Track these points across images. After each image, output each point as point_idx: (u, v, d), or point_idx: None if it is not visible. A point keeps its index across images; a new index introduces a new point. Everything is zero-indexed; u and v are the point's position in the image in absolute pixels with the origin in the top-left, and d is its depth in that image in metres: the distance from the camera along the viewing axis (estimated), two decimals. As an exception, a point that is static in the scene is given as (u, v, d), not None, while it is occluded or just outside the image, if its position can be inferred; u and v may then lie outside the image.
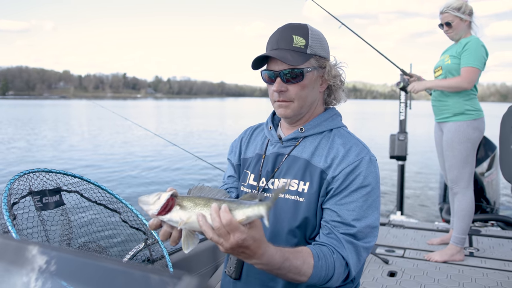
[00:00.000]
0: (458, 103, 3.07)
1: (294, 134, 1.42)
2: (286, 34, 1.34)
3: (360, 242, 1.26)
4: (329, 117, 1.43)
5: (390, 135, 4.60)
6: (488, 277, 2.77)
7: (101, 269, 0.54)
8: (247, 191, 1.47)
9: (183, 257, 2.40)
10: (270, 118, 1.54)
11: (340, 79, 1.42)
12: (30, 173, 1.71)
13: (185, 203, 1.05)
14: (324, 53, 1.39)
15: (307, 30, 1.35)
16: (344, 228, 1.26)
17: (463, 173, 3.08)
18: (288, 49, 1.32)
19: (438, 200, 4.87)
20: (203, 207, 1.03)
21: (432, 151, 4.51)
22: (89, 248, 1.89)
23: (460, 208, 3.13)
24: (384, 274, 2.85)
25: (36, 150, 15.19)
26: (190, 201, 1.04)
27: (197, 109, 65.88)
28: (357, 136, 1.43)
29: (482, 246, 3.39)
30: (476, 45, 3.00)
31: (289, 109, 1.36)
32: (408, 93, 3.43)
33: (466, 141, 3.04)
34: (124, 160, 12.91)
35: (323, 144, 1.39)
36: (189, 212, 1.03)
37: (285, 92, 1.34)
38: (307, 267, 1.17)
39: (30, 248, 0.61)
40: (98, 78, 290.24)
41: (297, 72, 1.31)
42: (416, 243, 3.50)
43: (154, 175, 10.66)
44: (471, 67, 2.98)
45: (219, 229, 1.00)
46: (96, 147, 16.07)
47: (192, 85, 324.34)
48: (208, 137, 21.19)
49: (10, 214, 1.51)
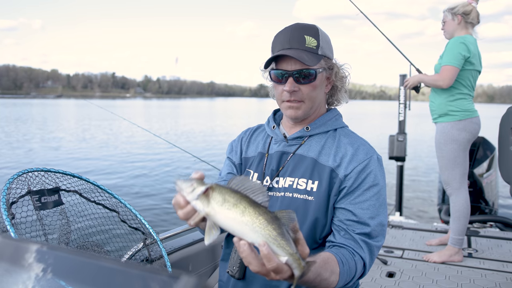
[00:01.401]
0: (442, 104, 3.11)
1: (300, 133, 1.42)
2: (298, 33, 1.33)
3: (373, 241, 1.29)
4: (333, 117, 1.45)
5: (389, 136, 4.61)
6: (487, 278, 2.77)
7: (100, 269, 0.54)
8: None
9: (181, 257, 2.41)
10: (272, 118, 1.54)
11: (345, 80, 1.44)
12: (29, 172, 1.70)
13: (215, 194, 0.95)
14: (331, 55, 1.40)
15: (318, 31, 1.35)
16: (360, 228, 1.28)
17: (453, 174, 3.09)
18: (301, 49, 1.31)
19: (437, 201, 4.88)
20: (231, 207, 0.92)
21: (431, 151, 4.51)
22: (88, 247, 1.89)
23: (454, 209, 3.14)
24: (382, 274, 2.86)
25: (35, 149, 15.17)
26: (220, 195, 0.94)
27: (186, 109, 65.76)
28: (359, 136, 1.45)
29: (481, 247, 3.40)
30: (452, 44, 3.05)
31: (300, 110, 1.36)
32: (419, 91, 3.49)
33: (451, 142, 3.06)
34: (124, 160, 12.90)
35: (329, 143, 1.39)
36: (212, 208, 0.94)
37: (296, 92, 1.33)
38: (335, 276, 1.17)
39: (29, 247, 0.61)
40: (86, 77, 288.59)
41: (311, 72, 1.32)
42: (415, 244, 3.50)
43: (154, 175, 10.65)
44: (446, 65, 3.04)
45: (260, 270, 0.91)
46: (95, 147, 16.05)
47: (182, 85, 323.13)
48: (199, 136, 21.27)
49: (8, 213, 1.51)
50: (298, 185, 1.34)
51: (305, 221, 1.32)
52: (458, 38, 3.06)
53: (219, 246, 2.67)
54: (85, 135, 20.59)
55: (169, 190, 9.04)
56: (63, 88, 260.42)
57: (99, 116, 34.16)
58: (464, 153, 3.09)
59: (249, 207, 0.91)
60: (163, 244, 2.21)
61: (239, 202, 0.91)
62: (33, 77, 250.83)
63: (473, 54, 3.05)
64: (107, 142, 17.65)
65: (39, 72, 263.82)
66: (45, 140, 18.11)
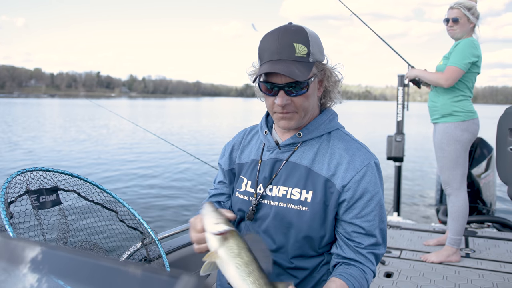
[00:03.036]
0: (446, 104, 3.08)
1: (292, 139, 1.36)
2: (286, 41, 1.22)
3: (380, 251, 1.32)
4: (326, 119, 1.38)
5: (387, 136, 4.61)
6: (484, 278, 2.78)
7: (98, 268, 0.54)
8: (243, 197, 1.42)
9: (180, 257, 2.40)
10: (264, 122, 1.47)
11: (337, 81, 1.37)
12: (27, 171, 1.70)
13: (231, 244, 1.01)
14: (322, 57, 1.33)
15: (307, 36, 1.25)
16: (368, 240, 1.29)
17: (454, 174, 3.09)
18: (291, 60, 1.22)
19: (434, 201, 4.89)
20: (241, 264, 0.98)
21: (430, 152, 4.52)
22: (86, 247, 1.88)
23: (453, 210, 3.14)
24: (380, 275, 2.86)
25: (34, 149, 15.13)
26: (237, 248, 1.00)
27: (172, 109, 65.42)
28: (355, 138, 1.40)
29: (478, 247, 3.40)
30: (464, 46, 3.00)
31: (293, 121, 1.31)
32: (420, 86, 3.47)
33: (454, 142, 3.05)
34: (123, 160, 12.88)
35: (323, 150, 1.34)
36: (224, 253, 1.01)
37: (289, 104, 1.27)
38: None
39: (27, 247, 0.61)
40: (71, 76, 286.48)
41: (302, 85, 1.25)
42: (413, 244, 3.51)
43: (155, 175, 10.64)
44: (452, 66, 2.99)
45: None
46: (94, 147, 16.02)
47: (168, 85, 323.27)
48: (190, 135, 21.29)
49: (7, 213, 1.51)
50: (292, 195, 1.31)
51: (300, 232, 1.30)
52: (470, 42, 3.01)
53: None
54: (84, 135, 20.55)
55: (169, 191, 9.03)
56: (46, 87, 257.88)
57: (96, 116, 34.06)
58: (465, 153, 3.09)
59: (256, 271, 0.98)
60: (162, 243, 2.21)
61: (250, 264, 0.98)
62: (16, 76, 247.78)
63: (480, 58, 3.04)
64: (105, 141, 17.63)
65: (22, 71, 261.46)
66: (44, 140, 18.07)
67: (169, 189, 9.11)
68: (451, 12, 3.12)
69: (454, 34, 3.14)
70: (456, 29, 3.10)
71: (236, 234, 1.01)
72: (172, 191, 8.91)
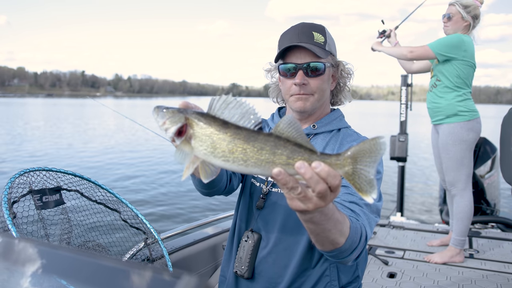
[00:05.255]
0: (451, 104, 3.06)
1: (307, 130, 1.45)
2: (306, 29, 1.37)
3: (372, 215, 1.26)
4: (337, 117, 1.50)
5: (390, 136, 4.60)
6: (488, 279, 2.77)
7: (101, 268, 0.54)
8: (258, 185, 1.47)
9: (182, 257, 2.41)
10: (277, 114, 1.58)
11: (349, 77, 1.49)
12: (31, 171, 1.71)
13: (197, 131, 0.76)
14: (335, 53, 1.46)
15: (324, 29, 1.41)
16: (362, 200, 1.25)
17: (459, 174, 3.07)
18: (310, 43, 1.35)
19: (438, 202, 4.87)
20: (225, 152, 0.75)
21: (430, 152, 4.51)
22: (89, 247, 1.89)
23: (458, 210, 3.12)
24: (383, 275, 2.85)
25: (33, 149, 15.19)
26: (204, 131, 0.76)
27: None
28: (363, 136, 1.47)
29: (482, 248, 3.39)
30: (447, 38, 3.05)
31: (309, 102, 1.40)
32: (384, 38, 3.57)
33: (460, 142, 3.03)
34: (126, 159, 12.92)
35: (333, 142, 1.43)
36: (201, 150, 0.77)
37: (306, 85, 1.37)
38: (346, 226, 1.06)
39: (30, 246, 0.61)
40: (55, 75, 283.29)
41: (320, 66, 1.36)
42: (416, 245, 3.50)
43: (155, 175, 10.66)
44: (426, 45, 3.06)
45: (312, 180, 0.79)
46: (94, 147, 16.07)
47: (154, 84, 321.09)
48: None
49: (10, 212, 1.51)
50: None
51: None
52: (455, 37, 3.03)
53: (220, 246, 2.67)
54: (85, 135, 20.62)
55: (171, 190, 9.04)
56: (30, 87, 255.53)
57: (94, 116, 34.10)
58: (470, 153, 3.08)
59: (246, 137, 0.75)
60: (165, 243, 2.21)
61: (236, 135, 0.75)
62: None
63: (470, 54, 3.02)
64: (107, 142, 17.67)
65: (4, 70, 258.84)
66: (45, 139, 18.14)
67: (172, 189, 9.13)
68: (447, 9, 3.15)
69: (446, 31, 3.16)
70: (448, 26, 3.12)
71: (197, 118, 0.77)
72: (175, 191, 8.93)
